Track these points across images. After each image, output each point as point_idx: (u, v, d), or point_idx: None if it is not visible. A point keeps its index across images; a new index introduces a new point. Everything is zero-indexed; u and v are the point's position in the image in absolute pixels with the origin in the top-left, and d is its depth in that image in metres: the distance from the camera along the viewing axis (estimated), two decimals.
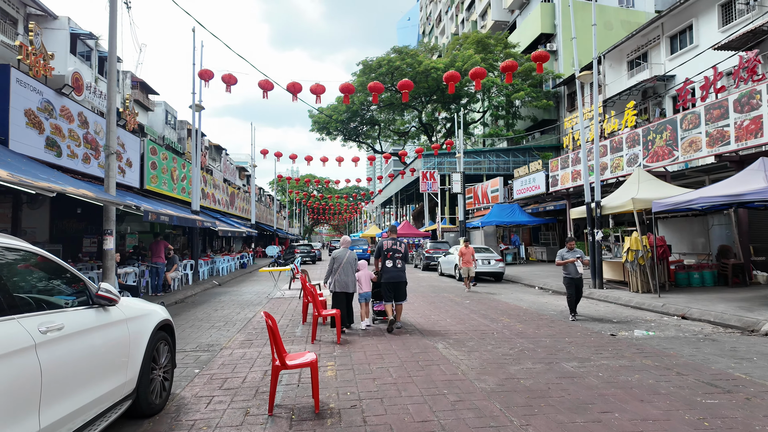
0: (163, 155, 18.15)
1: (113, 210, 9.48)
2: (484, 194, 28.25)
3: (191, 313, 9.92)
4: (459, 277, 17.00)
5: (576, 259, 8.75)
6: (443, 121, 40.94)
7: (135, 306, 3.94)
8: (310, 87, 15.03)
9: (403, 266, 7.89)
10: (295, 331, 7.77)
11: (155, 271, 12.19)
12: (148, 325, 3.97)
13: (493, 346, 6.49)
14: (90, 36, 23.12)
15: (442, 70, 31.95)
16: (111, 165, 9.56)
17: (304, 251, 29.57)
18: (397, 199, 46.92)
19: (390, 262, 7.79)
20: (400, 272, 7.81)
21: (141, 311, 3.94)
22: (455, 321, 8.61)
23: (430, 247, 22.65)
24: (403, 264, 7.90)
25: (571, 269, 8.82)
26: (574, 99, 30.55)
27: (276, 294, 13.19)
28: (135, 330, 3.72)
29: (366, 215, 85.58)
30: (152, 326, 4.01)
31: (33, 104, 10.21)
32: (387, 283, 7.76)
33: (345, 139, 41.58)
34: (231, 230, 19.64)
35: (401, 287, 7.83)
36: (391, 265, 7.79)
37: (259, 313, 9.87)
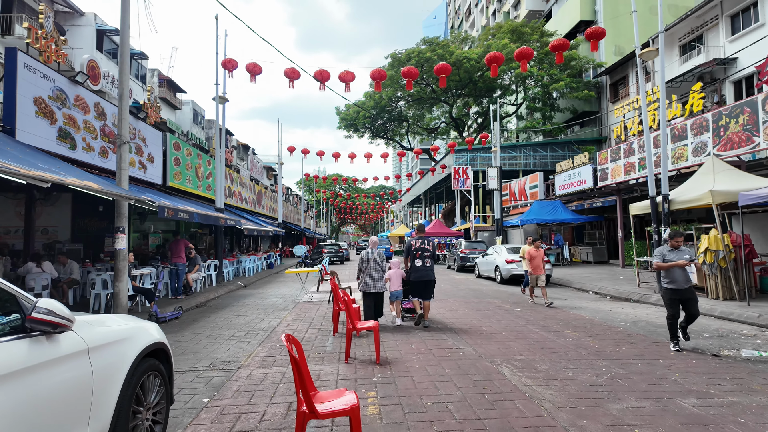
0: (187, 151, 17.44)
1: (125, 205, 8.58)
2: (522, 191, 26.59)
3: (210, 320, 8.94)
4: (500, 279, 15.60)
5: (687, 262, 6.21)
6: (474, 115, 39.32)
7: (106, 328, 2.84)
8: (339, 74, 13.96)
9: (431, 265, 7.90)
10: (325, 345, 6.63)
11: (175, 273, 11.32)
12: (128, 354, 2.87)
13: (574, 372, 5.16)
14: (116, 32, 22.73)
15: (475, 60, 30.46)
16: (123, 156, 8.67)
17: (332, 251, 28.61)
18: (426, 198, 45.51)
19: (419, 261, 7.84)
20: (429, 271, 7.85)
21: (114, 335, 2.83)
22: (513, 334, 7.28)
23: (465, 247, 21.24)
24: (431, 263, 7.90)
25: (678, 276, 6.24)
26: (617, 88, 28.52)
27: (303, 297, 12.14)
28: (104, 363, 2.62)
29: (393, 215, 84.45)
30: (134, 354, 2.91)
31: (43, 92, 9.45)
32: (416, 282, 7.84)
33: (372, 136, 40.49)
34: (257, 229, 18.78)
35: (430, 285, 7.88)
36: (420, 264, 7.84)
37: (285, 320, 8.79)
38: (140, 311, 9.31)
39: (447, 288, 14.24)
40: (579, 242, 24.36)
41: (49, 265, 9.44)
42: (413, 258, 7.89)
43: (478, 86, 32.94)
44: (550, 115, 32.57)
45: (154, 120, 14.72)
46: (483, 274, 17.70)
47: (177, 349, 6.50)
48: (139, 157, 13.67)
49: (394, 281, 8.02)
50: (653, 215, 11.85)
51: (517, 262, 15.18)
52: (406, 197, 55.83)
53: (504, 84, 33.68)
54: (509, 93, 33.70)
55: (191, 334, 7.56)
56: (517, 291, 13.38)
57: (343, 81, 14.03)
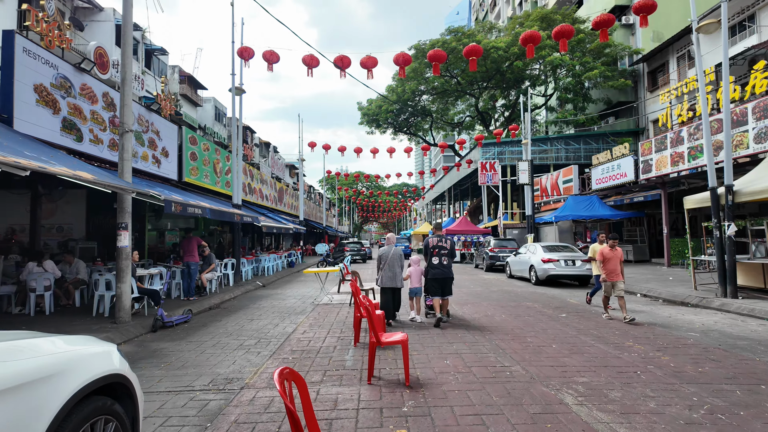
0: (204, 146, 16.83)
1: (128, 200, 7.86)
2: (554, 186, 25.16)
3: (221, 324, 8.14)
4: (536, 280, 14.40)
5: None
6: (501, 108, 37.83)
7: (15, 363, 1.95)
8: (361, 60, 13.03)
9: (449, 263, 7.93)
10: (344, 358, 5.69)
11: (187, 272, 10.61)
12: (54, 396, 1.99)
13: (658, 402, 4.08)
14: (135, 27, 22.42)
15: (503, 50, 29.09)
16: (126, 145, 7.94)
17: (354, 249, 27.77)
18: (450, 195, 44.27)
19: (436, 258, 7.88)
20: (446, 269, 7.88)
21: (28, 372, 1.94)
22: (565, 347, 6.20)
23: (495, 246, 20.04)
24: (449, 261, 7.93)
25: None
26: (656, 76, 26.74)
27: (323, 299, 11.27)
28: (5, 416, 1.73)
29: (415, 212, 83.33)
30: (66, 395, 2.03)
31: (45, 79, 8.83)
32: (433, 279, 7.88)
33: (395, 132, 39.47)
34: (276, 226, 18.06)
35: (447, 283, 7.88)
36: (437, 262, 7.87)
37: (301, 325, 7.91)
38: (147, 314, 8.59)
39: (478, 290, 13.15)
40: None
41: (51, 264, 8.83)
42: (430, 256, 7.95)
43: (506, 77, 31.52)
44: (582, 106, 30.91)
45: (169, 113, 14.11)
46: (515, 275, 16.51)
47: (177, 362, 5.68)
48: (152, 151, 13.06)
49: (414, 278, 8.16)
50: (714, 209, 10.50)
51: (555, 262, 13.98)
52: (429, 194, 54.65)
53: (533, 74, 32.13)
54: (539, 83, 32.13)
55: (196, 342, 6.76)
56: (558, 294, 12.19)
57: (364, 67, 13.09)
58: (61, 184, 10.04)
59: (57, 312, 8.88)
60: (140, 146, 12.39)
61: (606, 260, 8.37)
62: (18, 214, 13.65)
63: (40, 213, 10.68)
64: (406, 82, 32.79)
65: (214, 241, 20.74)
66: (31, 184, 10.23)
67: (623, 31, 30.10)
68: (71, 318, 8.21)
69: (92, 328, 7.32)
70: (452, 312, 9.14)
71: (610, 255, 8.36)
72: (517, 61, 29.81)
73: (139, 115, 12.38)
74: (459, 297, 11.44)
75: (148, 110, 12.86)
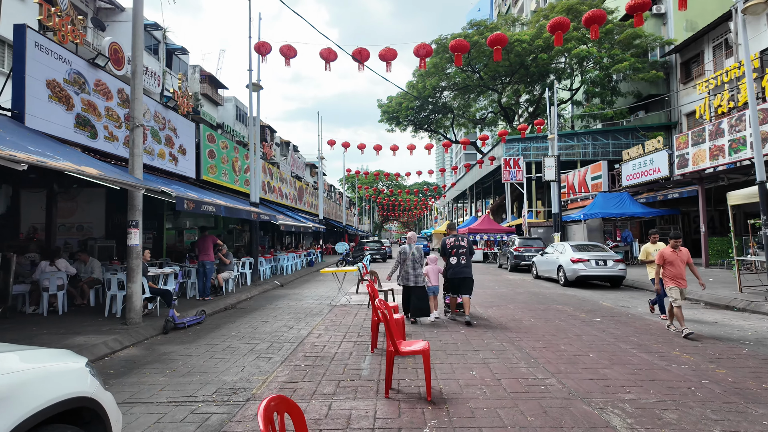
0: (222, 143, 16.68)
1: (138, 197, 7.60)
2: (582, 182, 24.21)
3: (234, 326, 7.81)
4: (564, 281, 13.70)
5: None
6: (525, 104, 36.82)
7: None
8: (380, 52, 12.58)
9: (468, 262, 7.93)
10: (360, 367, 5.25)
11: (202, 272, 10.36)
12: None
13: (724, 428, 3.49)
14: (155, 26, 22.52)
15: (527, 43, 28.21)
16: (136, 140, 7.68)
17: (373, 248, 27.36)
18: (472, 193, 43.40)
19: (455, 258, 7.92)
20: (465, 268, 7.89)
21: None
22: (605, 357, 5.61)
23: (520, 245, 19.31)
24: (467, 260, 7.94)
25: None
26: (689, 67, 25.46)
27: (341, 300, 10.87)
28: None
29: (436, 211, 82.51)
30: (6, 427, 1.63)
31: (59, 75, 8.67)
32: (453, 279, 7.95)
33: (416, 129, 38.84)
34: (295, 225, 17.78)
35: (466, 282, 7.91)
36: (456, 262, 7.90)
37: (317, 328, 7.52)
38: (159, 315, 8.34)
39: (503, 291, 12.54)
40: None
41: (64, 263, 8.67)
42: (449, 256, 7.99)
43: (531, 71, 30.57)
44: (610, 100, 29.75)
45: (186, 110, 13.95)
46: (542, 275, 15.80)
47: (183, 367, 5.34)
48: (169, 149, 12.91)
49: (432, 277, 8.19)
50: (763, 205, 9.66)
51: (585, 262, 13.25)
52: (450, 193, 53.89)
53: (559, 68, 31.09)
54: (565, 77, 31.07)
55: (206, 346, 6.42)
56: (589, 296, 11.50)
57: (383, 59, 12.64)
58: (76, 182, 9.90)
59: (71, 312, 8.72)
60: (157, 143, 12.24)
61: (667, 263, 6.99)
62: (41, 214, 13.73)
63: (56, 211, 10.59)
64: (427, 77, 32.18)
65: (233, 239, 20.64)
66: (46, 183, 10.14)
67: (654, 20, 28.83)
68: (83, 318, 8.02)
69: (102, 329, 7.08)
70: (477, 314, 8.62)
71: (672, 257, 6.97)
72: (542, 54, 28.88)
73: (156, 112, 12.23)
74: (483, 299, 10.88)
75: (164, 107, 12.71)
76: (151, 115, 11.99)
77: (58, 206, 13.92)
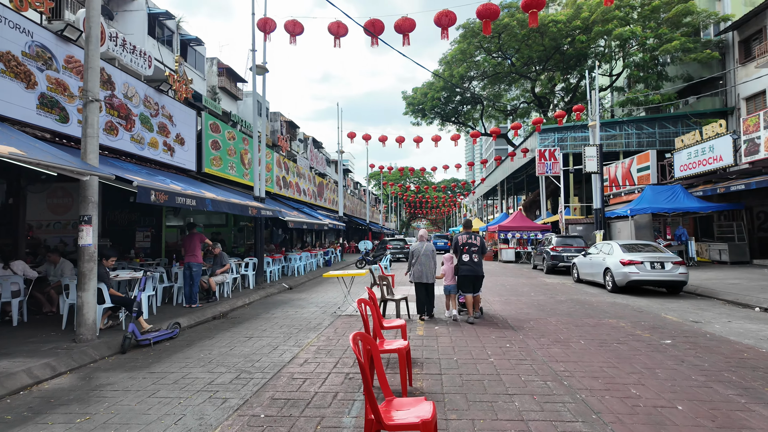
0: (229, 134, 15.42)
1: (92, 186, 6.26)
2: (626, 175, 21.86)
3: (209, 344, 6.39)
4: (612, 286, 11.73)
5: None
6: (560, 93, 34.31)
7: None
8: (395, 22, 10.98)
9: (479, 260, 7.89)
10: (342, 420, 3.66)
11: (189, 275, 9.02)
12: None
13: None
14: (167, 15, 21.57)
15: (563, 24, 25.92)
16: (89, 118, 6.34)
17: (396, 247, 25.74)
18: (503, 189, 41.09)
19: (466, 256, 7.86)
20: (477, 266, 7.85)
21: None
22: (705, 416, 3.83)
23: (558, 244, 17.29)
24: (479, 258, 7.90)
25: None
26: (749, 45, 22.62)
27: (347, 309, 9.33)
28: None
29: (465, 209, 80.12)
30: None
31: (14, 46, 7.46)
32: (464, 276, 7.87)
33: (442, 122, 36.90)
34: (307, 221, 16.38)
35: (478, 280, 7.91)
36: (468, 259, 7.84)
37: (305, 350, 5.99)
38: (124, 328, 7.01)
39: (541, 299, 10.70)
40: (706, 237, 19.27)
41: (21, 265, 7.47)
42: (460, 253, 7.91)
43: (567, 54, 28.21)
44: (656, 84, 27.09)
45: (184, 96, 12.71)
46: (584, 279, 13.82)
47: (104, 414, 3.91)
48: (163, 138, 11.68)
49: (448, 276, 8.07)
50: None
51: (637, 264, 11.24)
52: (480, 189, 51.62)
53: (598, 51, 28.56)
54: (605, 60, 28.53)
55: (157, 375, 5.00)
56: (646, 306, 9.54)
57: (399, 31, 11.04)
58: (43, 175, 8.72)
59: (29, 322, 7.52)
60: (147, 131, 11.02)
61: None
62: (38, 211, 12.83)
63: (22, 208, 9.44)
64: (454, 65, 30.23)
65: (244, 238, 19.48)
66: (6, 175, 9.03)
67: None
68: (34, 332, 6.77)
69: (42, 348, 5.77)
70: (510, 331, 6.89)
71: None
72: (579, 36, 26.49)
73: (146, 96, 11.01)
74: (518, 309, 9.11)
75: (157, 91, 11.48)
76: (140, 99, 10.77)
77: (53, 203, 13.05)
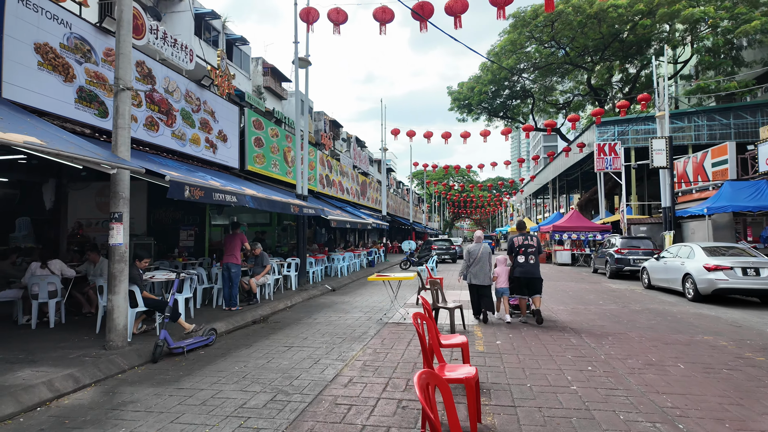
0: (272, 131, 15.06)
1: (123, 181, 5.82)
2: (698, 169, 19.82)
3: (245, 354, 5.79)
4: (694, 295, 10.31)
5: None
6: (619, 84, 31.98)
7: None
8: (446, 4, 10.12)
9: (536, 261, 7.68)
10: None
11: (227, 276, 8.56)
12: None
13: None
14: (213, 15, 21.68)
15: (624, 8, 23.98)
16: (121, 108, 5.90)
17: (441, 248, 24.72)
18: (555, 187, 39.00)
19: (522, 257, 7.69)
20: (534, 267, 7.64)
21: None
22: None
23: (623, 246, 15.75)
24: (536, 259, 7.68)
25: None
26: None
27: (394, 315, 8.55)
28: None
29: (511, 208, 77.52)
30: None
31: (53, 38, 7.21)
32: (520, 278, 7.69)
33: (489, 117, 35.35)
34: (350, 220, 15.78)
35: (535, 283, 7.65)
36: (524, 260, 7.67)
37: (350, 365, 5.27)
38: (158, 333, 6.56)
39: (612, 308, 9.48)
40: None
41: (59, 264, 7.21)
42: (516, 254, 7.77)
43: (627, 41, 26.14)
44: (731, 71, 24.56)
45: (227, 91, 12.40)
46: (656, 284, 12.36)
47: None
48: (205, 134, 11.38)
49: (502, 278, 7.94)
50: None
51: (725, 270, 9.79)
52: (528, 187, 49.51)
53: (662, 36, 26.28)
54: (671, 46, 26.19)
55: (186, 391, 4.42)
56: (741, 319, 8.16)
57: (450, 13, 10.18)
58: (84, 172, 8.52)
59: (67, 324, 7.25)
60: (189, 127, 10.72)
61: None
62: (89, 209, 12.94)
63: (64, 205, 9.31)
64: (504, 57, 28.78)
65: (288, 237, 19.16)
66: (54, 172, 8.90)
67: None
68: (69, 335, 6.44)
69: (70, 355, 5.36)
70: (587, 343, 5.87)
71: None
72: (642, 20, 24.41)
73: (187, 91, 10.71)
74: (588, 319, 8.00)
75: (199, 86, 11.18)
76: (182, 94, 10.48)
77: (101, 201, 13.11)
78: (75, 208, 12.34)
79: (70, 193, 12.24)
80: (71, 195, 12.34)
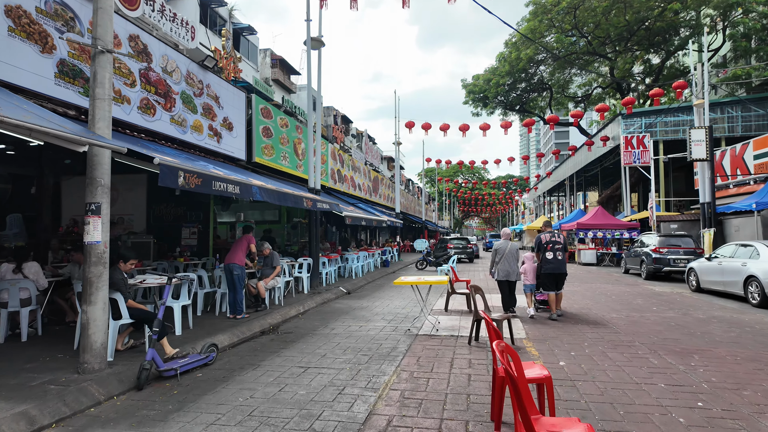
0: (281, 120, 13.95)
1: (102, 165, 4.73)
2: (737, 163, 18.46)
3: (251, 378, 4.68)
4: (760, 299, 9.05)
5: None
6: (641, 75, 30.52)
7: None
8: None
9: (563, 258, 7.84)
10: None
11: (230, 280, 7.46)
12: None
13: None
14: (219, 2, 20.63)
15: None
16: (99, 75, 4.81)
17: (458, 246, 23.52)
18: (572, 184, 37.60)
19: (550, 254, 7.83)
20: (561, 264, 7.80)
21: None
22: None
23: (661, 245, 14.46)
24: (563, 255, 7.84)
25: None
26: None
27: (423, 325, 7.40)
28: None
29: (523, 206, 75.99)
30: None
31: (27, 2, 6.15)
32: (548, 274, 7.84)
33: (505, 111, 33.96)
34: (365, 217, 14.66)
35: (561, 278, 7.88)
36: (552, 257, 7.81)
37: (385, 398, 4.13)
38: (147, 349, 5.47)
39: (672, 315, 8.24)
40: None
41: (35, 268, 6.14)
42: (544, 251, 7.88)
43: (654, 29, 24.72)
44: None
45: (232, 75, 11.31)
46: (708, 287, 11.10)
47: None
48: (208, 121, 10.29)
49: (530, 275, 8.09)
50: None
51: None
52: (543, 184, 48.06)
53: (691, 23, 24.84)
54: (700, 32, 24.74)
55: None
56: None
57: None
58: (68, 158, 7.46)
59: (42, 337, 6.19)
60: (190, 113, 9.64)
61: None
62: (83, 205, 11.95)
63: (46, 200, 8.27)
64: (522, 47, 27.46)
65: (298, 235, 18.08)
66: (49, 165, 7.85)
67: None
68: (40, 352, 5.37)
69: (32, 382, 4.27)
70: (674, 366, 4.69)
71: None
72: (671, 5, 22.99)
73: (188, 72, 9.63)
74: (653, 331, 6.78)
75: (201, 67, 10.09)
76: (182, 75, 9.40)
77: None
78: (70, 204, 11.38)
79: (64, 188, 11.28)
80: (66, 191, 11.39)
